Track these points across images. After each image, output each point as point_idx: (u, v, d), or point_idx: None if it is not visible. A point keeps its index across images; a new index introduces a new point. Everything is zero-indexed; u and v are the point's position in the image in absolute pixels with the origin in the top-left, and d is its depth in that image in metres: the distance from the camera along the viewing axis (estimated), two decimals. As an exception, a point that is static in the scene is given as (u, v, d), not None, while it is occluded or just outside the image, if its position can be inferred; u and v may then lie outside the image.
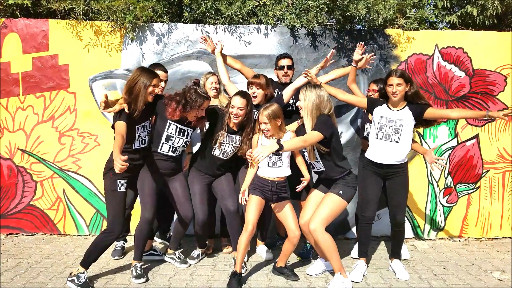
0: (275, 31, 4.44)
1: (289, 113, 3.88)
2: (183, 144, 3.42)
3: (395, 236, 3.58)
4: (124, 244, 3.94)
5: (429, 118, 3.36)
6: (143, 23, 4.35)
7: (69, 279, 3.14)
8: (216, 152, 3.51)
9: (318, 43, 4.41)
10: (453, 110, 3.50)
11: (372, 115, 3.51)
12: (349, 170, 3.32)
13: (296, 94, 3.65)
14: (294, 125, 3.52)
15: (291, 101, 3.84)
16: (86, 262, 3.16)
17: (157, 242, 4.17)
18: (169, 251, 3.72)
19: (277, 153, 2.91)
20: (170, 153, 3.38)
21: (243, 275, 3.36)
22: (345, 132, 4.50)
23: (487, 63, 4.55)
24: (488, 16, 4.67)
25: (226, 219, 3.57)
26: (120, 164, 2.67)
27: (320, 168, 3.33)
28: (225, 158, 3.55)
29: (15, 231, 4.51)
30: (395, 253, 3.60)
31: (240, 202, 3.33)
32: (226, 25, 4.42)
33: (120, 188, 3.13)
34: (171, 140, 3.35)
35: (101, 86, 4.43)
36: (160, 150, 3.36)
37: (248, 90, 3.67)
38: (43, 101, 4.43)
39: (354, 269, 3.50)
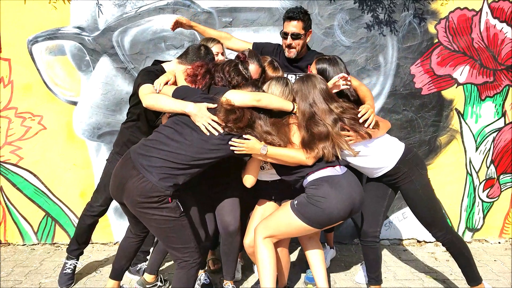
0: (277, -24, 3.38)
1: None
2: None
3: (454, 258, 2.73)
4: (76, 263, 2.94)
5: None
6: (98, -38, 3.25)
7: None
8: None
9: (335, -8, 3.39)
10: None
11: None
12: (312, 180, 2.36)
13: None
14: None
15: None
16: None
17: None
18: (150, 277, 2.77)
19: None
20: None
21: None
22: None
23: (547, 22, 3.59)
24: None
25: (222, 240, 2.64)
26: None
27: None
28: None
29: None
30: (469, 279, 2.73)
31: None
32: (212, -33, 3.34)
33: (182, 209, 2.33)
34: None
35: (44, 50, 3.44)
36: None
37: None
38: (-34, 71, 3.40)
39: None
